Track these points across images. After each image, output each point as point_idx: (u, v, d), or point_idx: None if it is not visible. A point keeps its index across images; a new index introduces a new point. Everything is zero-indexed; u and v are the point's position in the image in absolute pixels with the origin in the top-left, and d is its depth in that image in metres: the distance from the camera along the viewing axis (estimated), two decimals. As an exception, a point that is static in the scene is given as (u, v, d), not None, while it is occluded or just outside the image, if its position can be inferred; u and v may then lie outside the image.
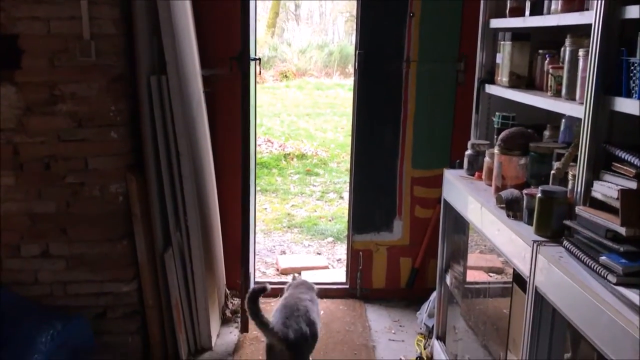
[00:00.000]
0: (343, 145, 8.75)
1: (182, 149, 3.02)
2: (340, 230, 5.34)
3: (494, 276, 2.56)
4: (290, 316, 2.75)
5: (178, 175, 3.05)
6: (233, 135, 3.59)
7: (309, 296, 2.99)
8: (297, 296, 2.94)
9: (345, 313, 3.74)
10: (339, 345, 3.34)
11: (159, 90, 2.95)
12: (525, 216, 2.14)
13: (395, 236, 3.89)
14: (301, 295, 2.96)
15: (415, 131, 3.76)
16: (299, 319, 2.75)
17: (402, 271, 3.95)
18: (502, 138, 2.46)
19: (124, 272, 2.99)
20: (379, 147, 3.78)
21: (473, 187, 2.68)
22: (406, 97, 3.71)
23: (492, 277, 2.57)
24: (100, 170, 2.87)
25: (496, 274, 2.54)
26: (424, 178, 3.82)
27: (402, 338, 3.45)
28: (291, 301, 2.89)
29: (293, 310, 2.79)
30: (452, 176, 2.93)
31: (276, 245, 5.03)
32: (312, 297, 3.01)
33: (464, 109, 3.67)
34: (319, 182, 6.99)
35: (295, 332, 2.68)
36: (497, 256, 2.45)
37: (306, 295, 2.96)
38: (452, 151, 3.76)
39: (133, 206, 2.94)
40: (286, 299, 2.96)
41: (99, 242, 2.93)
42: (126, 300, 3.02)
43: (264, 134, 9.02)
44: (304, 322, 2.75)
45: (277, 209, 5.99)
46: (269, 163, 7.56)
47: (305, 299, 2.92)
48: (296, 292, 3.00)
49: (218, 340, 3.36)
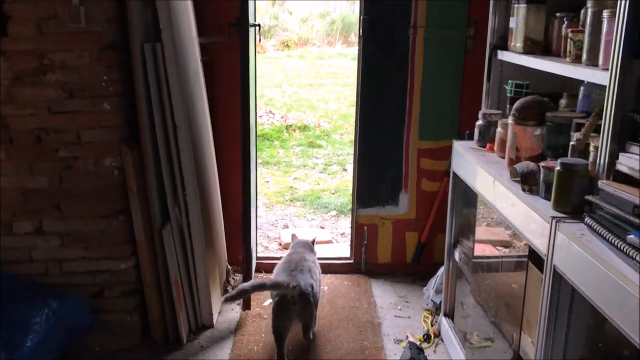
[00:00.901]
0: (346, 116, 8.60)
1: (179, 121, 2.89)
2: (344, 203, 5.23)
3: (503, 250, 2.45)
4: (296, 269, 2.92)
5: (175, 148, 2.93)
6: (232, 106, 3.45)
7: (312, 258, 3.15)
8: (302, 255, 3.10)
9: (349, 289, 3.65)
10: (343, 322, 3.25)
11: (153, 58, 2.80)
12: (542, 190, 2.01)
13: (401, 210, 3.78)
14: (305, 255, 3.12)
15: (422, 101, 3.61)
16: (304, 274, 2.92)
17: (408, 246, 3.84)
18: (517, 107, 2.32)
19: (121, 249, 2.89)
20: (385, 118, 3.64)
21: (484, 159, 2.55)
22: (413, 65, 3.55)
23: (502, 251, 2.46)
24: (94, 143, 2.75)
25: (504, 248, 2.43)
26: (431, 150, 3.69)
27: (408, 314, 3.36)
28: (295, 257, 3.06)
29: (297, 265, 2.96)
30: (462, 148, 2.80)
31: (279, 220, 4.93)
32: (314, 259, 3.18)
33: (473, 78, 3.52)
34: (321, 155, 6.86)
35: (304, 282, 2.86)
36: (504, 229, 2.34)
37: (309, 257, 3.13)
38: (461, 122, 3.63)
39: (129, 181, 2.82)
40: (290, 255, 3.13)
41: (94, 218, 2.82)
42: (123, 278, 2.93)
43: (265, 105, 8.86)
44: (309, 277, 2.93)
45: (279, 182, 5.88)
46: (271, 135, 7.42)
47: (309, 260, 3.08)
48: (300, 251, 3.17)
49: (220, 318, 3.28)
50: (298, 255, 3.08)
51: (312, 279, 2.94)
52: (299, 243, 3.30)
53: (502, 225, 2.30)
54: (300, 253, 3.13)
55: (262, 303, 3.43)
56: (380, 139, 3.67)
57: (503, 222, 2.19)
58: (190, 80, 3.10)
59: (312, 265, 3.07)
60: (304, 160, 6.63)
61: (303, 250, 3.18)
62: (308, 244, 3.29)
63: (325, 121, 8.23)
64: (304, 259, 3.05)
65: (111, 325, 2.93)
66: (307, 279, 2.89)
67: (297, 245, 3.26)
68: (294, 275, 2.85)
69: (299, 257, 3.05)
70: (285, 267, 2.97)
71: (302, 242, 3.32)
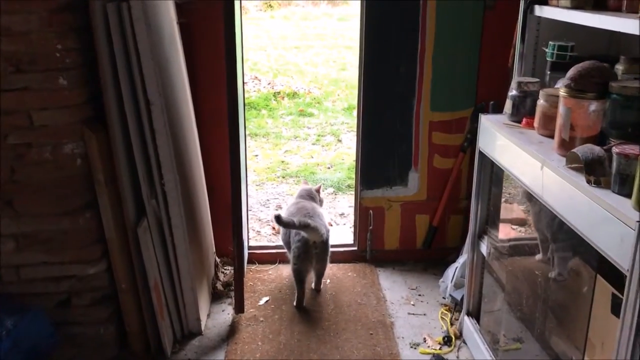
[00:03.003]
0: (337, 81, 8.09)
1: (153, 96, 2.41)
2: (341, 179, 4.79)
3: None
4: (315, 215, 3.01)
5: (149, 129, 2.46)
6: (216, 75, 2.98)
7: (320, 211, 3.19)
8: (312, 205, 3.16)
9: (355, 281, 3.24)
10: (351, 323, 2.85)
11: (119, 21, 2.30)
12: (616, 183, 1.58)
13: (411, 190, 3.35)
14: (314, 205, 3.19)
15: (434, 67, 3.14)
16: (322, 219, 3.07)
17: (418, 230, 3.43)
18: (572, 76, 1.87)
19: (89, 251, 2.44)
20: (392, 86, 3.17)
21: (524, 138, 2.11)
22: (424, 25, 3.07)
23: (547, 252, 2.06)
24: (50, 127, 2.27)
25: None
26: (445, 122, 3.24)
27: (423, 311, 2.97)
28: (308, 205, 3.12)
29: (313, 213, 3.02)
30: (490, 123, 2.36)
31: (270, 199, 4.49)
32: (322, 213, 3.19)
33: (493, 40, 3.09)
34: (313, 124, 6.37)
35: (325, 227, 3.01)
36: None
37: (318, 210, 3.16)
38: (478, 90, 3.18)
39: (95, 170, 2.35)
40: (300, 202, 3.17)
41: (55, 216, 2.36)
42: (94, 284, 2.49)
43: (250, 70, 8.32)
44: (325, 222, 3.09)
45: (269, 155, 5.40)
46: (258, 103, 6.89)
47: (318, 212, 3.12)
48: (308, 200, 3.23)
49: (209, 322, 2.86)
50: (310, 204, 3.15)
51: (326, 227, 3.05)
52: (306, 191, 3.33)
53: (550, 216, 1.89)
54: (309, 202, 3.20)
55: (257, 302, 3.01)
56: (387, 111, 3.21)
57: (568, 224, 1.75)
58: (165, 46, 2.61)
59: (321, 215, 3.14)
60: (295, 130, 6.14)
61: (310, 199, 3.25)
62: (311, 192, 3.33)
63: (315, 87, 7.72)
64: (314, 207, 3.14)
65: (82, 339, 2.51)
66: (325, 224, 3.04)
67: (304, 193, 3.30)
68: (312, 220, 2.93)
69: (312, 206, 3.13)
70: (301, 212, 3.02)
71: (307, 192, 3.32)
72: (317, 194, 3.33)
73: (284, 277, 3.27)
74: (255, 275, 3.28)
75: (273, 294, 3.10)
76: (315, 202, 3.28)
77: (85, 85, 2.30)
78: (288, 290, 3.13)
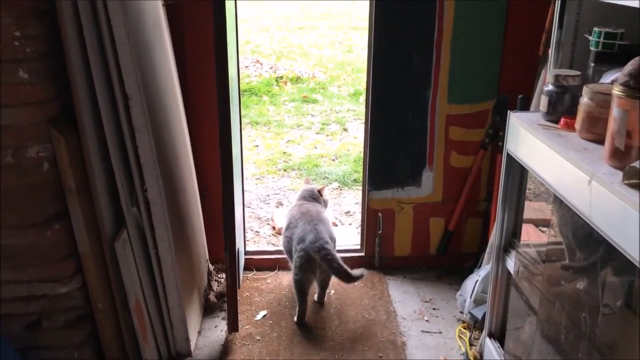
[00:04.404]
0: (342, 64, 7.74)
1: (132, 90, 2.09)
2: (347, 172, 4.47)
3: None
4: (319, 222, 2.72)
5: (128, 128, 2.14)
6: (208, 63, 2.66)
7: (325, 215, 2.87)
8: (317, 208, 2.86)
9: (362, 292, 2.94)
10: (358, 343, 2.55)
11: (90, 2, 1.98)
12: (694, 210, 1.26)
13: (424, 191, 3.03)
14: (319, 208, 2.89)
15: (453, 53, 2.81)
16: (326, 225, 2.76)
17: (432, 235, 3.12)
18: (632, 72, 1.53)
19: (60, 268, 2.14)
20: (405, 75, 2.84)
21: (564, 143, 1.78)
22: (441, 6, 2.73)
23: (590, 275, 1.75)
24: (10, 127, 1.95)
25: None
26: (463, 116, 2.91)
27: (439, 328, 2.67)
28: (312, 209, 2.82)
29: (317, 219, 2.74)
30: (522, 122, 2.02)
31: (270, 194, 4.18)
32: (327, 218, 2.88)
33: (520, 24, 2.77)
34: (317, 111, 6.03)
35: (328, 235, 2.69)
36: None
37: (323, 215, 2.85)
38: (502, 81, 2.85)
39: (64, 176, 2.04)
40: (304, 205, 2.87)
41: (20, 229, 2.05)
42: (67, 304, 2.19)
43: (252, 53, 7.97)
44: (330, 228, 2.79)
45: (270, 146, 5.08)
46: (259, 89, 6.55)
47: (323, 217, 2.82)
48: (311, 202, 2.92)
49: (200, 341, 2.57)
50: (313, 206, 2.87)
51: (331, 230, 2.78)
52: (309, 191, 3.01)
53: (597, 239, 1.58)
54: (312, 204, 2.91)
55: (253, 317, 2.72)
56: (399, 103, 2.88)
57: (624, 253, 1.43)
58: (147, 31, 2.29)
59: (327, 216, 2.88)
60: (298, 118, 5.81)
61: (313, 201, 2.96)
62: (316, 193, 3.02)
63: (319, 70, 7.36)
64: (319, 210, 2.86)
65: (55, 365, 2.22)
66: (331, 231, 2.75)
67: (307, 194, 2.99)
68: (316, 227, 2.66)
69: (316, 210, 2.83)
70: (306, 217, 2.74)
71: (310, 190, 3.02)
72: (320, 196, 3.01)
73: (284, 286, 2.98)
74: (252, 285, 2.99)
75: (271, 307, 2.81)
76: (319, 203, 2.97)
77: (50, 78, 1.98)
78: (288, 302, 2.83)
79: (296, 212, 2.82)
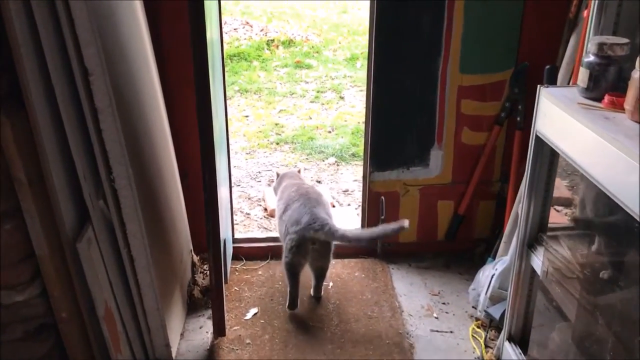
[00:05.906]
0: (337, 26, 7.32)
1: (92, 63, 1.75)
2: (344, 146, 4.15)
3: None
4: (320, 205, 2.47)
5: (90, 108, 1.80)
6: (186, 23, 2.29)
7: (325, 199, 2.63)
8: (315, 190, 2.63)
9: (363, 284, 2.66)
10: (360, 346, 2.28)
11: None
12: None
13: (433, 172, 2.72)
14: (318, 190, 2.66)
15: (466, 16, 2.46)
16: (326, 207, 2.52)
17: (440, 219, 2.83)
18: None
19: (14, 273, 1.82)
20: (412, 41, 2.50)
21: (612, 127, 1.48)
22: (454, -39, 2.38)
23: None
24: (-57, 109, 1.61)
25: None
26: (477, 87, 2.58)
27: (450, 326, 2.40)
28: (311, 192, 2.56)
29: (318, 203, 2.47)
30: (556, 100, 1.71)
31: (262, 171, 3.86)
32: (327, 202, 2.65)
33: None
34: (312, 77, 5.65)
35: (329, 219, 2.42)
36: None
37: (324, 198, 2.60)
38: (521, 48, 2.52)
39: (13, 166, 1.71)
40: (302, 187, 2.61)
41: (-37, 228, 1.74)
42: (25, 313, 1.89)
43: (241, 15, 7.52)
44: (330, 211, 2.55)
45: (261, 116, 4.73)
46: (249, 53, 6.15)
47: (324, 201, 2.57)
48: (301, 183, 2.70)
49: (182, 345, 2.29)
50: (312, 188, 2.63)
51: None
52: (293, 175, 2.79)
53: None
54: (311, 186, 2.70)
55: (243, 316, 2.44)
56: (405, 72, 2.55)
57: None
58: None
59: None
60: (291, 85, 5.44)
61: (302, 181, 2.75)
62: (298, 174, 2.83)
63: (313, 33, 6.95)
64: (318, 192, 2.61)
65: (14, 381, 1.93)
66: (331, 214, 2.49)
67: (294, 178, 2.76)
68: (315, 212, 2.39)
69: (315, 193, 2.58)
70: (310, 202, 2.45)
71: (293, 172, 2.82)
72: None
73: (277, 278, 2.69)
74: (242, 277, 2.70)
75: (263, 303, 2.53)
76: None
77: (-11, 50, 1.64)
78: (281, 297, 2.55)
79: (295, 194, 2.54)
